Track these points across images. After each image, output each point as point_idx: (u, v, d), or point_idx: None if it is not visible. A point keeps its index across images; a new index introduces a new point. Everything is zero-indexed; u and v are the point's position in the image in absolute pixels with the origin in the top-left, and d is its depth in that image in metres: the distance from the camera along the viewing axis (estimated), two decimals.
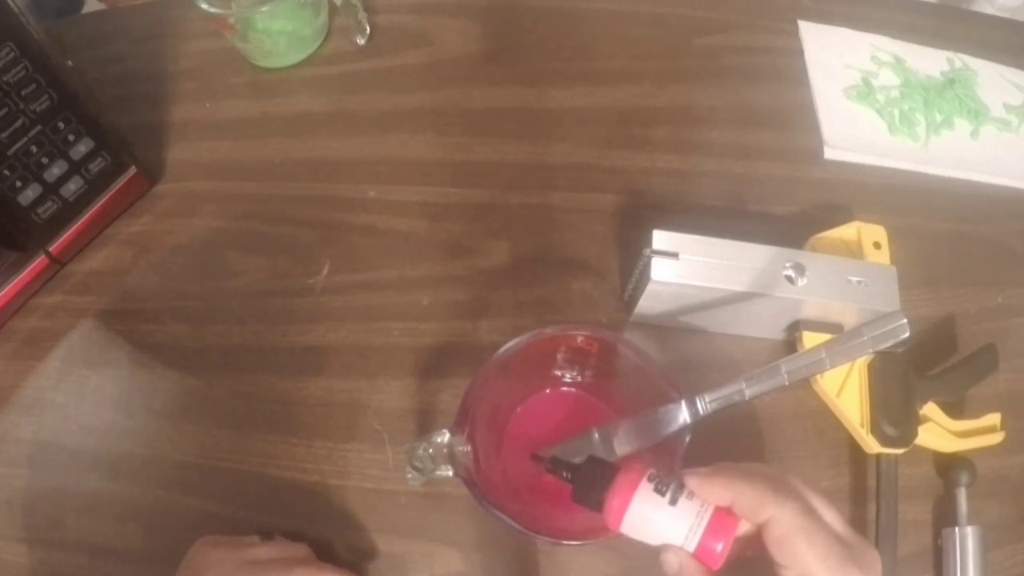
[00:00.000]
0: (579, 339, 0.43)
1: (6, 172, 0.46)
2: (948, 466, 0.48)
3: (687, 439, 0.39)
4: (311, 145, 0.60)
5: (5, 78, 0.43)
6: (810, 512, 0.29)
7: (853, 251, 0.52)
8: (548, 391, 0.47)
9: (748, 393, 0.38)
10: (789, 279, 0.47)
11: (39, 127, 0.46)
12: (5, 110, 0.44)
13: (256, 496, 0.47)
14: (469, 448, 0.40)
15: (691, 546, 0.30)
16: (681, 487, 0.31)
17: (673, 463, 0.39)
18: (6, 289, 0.50)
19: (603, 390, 0.47)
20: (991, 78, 0.68)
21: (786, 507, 0.29)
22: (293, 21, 0.61)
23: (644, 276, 0.47)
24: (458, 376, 0.50)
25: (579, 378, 0.47)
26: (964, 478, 0.47)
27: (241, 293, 0.54)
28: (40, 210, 0.49)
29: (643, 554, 0.32)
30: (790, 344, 0.52)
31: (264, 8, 0.57)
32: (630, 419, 0.41)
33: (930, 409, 0.49)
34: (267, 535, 0.43)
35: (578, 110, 0.63)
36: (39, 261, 0.51)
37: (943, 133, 0.64)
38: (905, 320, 0.36)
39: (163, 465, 0.48)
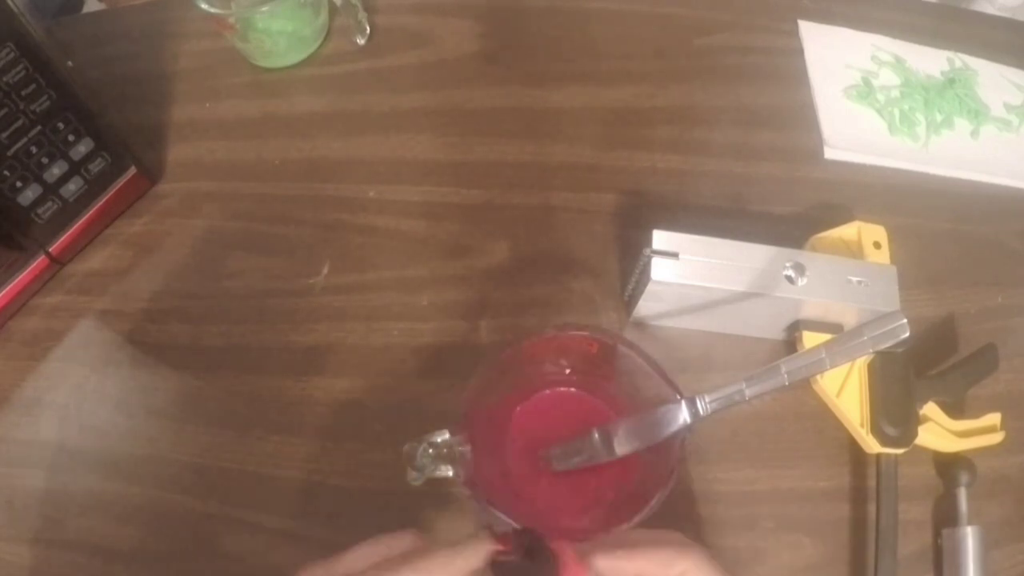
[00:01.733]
0: (579, 339, 0.43)
1: (6, 172, 0.46)
2: (948, 466, 0.48)
3: (687, 439, 0.39)
4: (311, 145, 0.60)
5: (5, 78, 0.43)
6: (714, 558, 0.31)
7: (853, 251, 0.52)
8: (548, 391, 0.47)
9: (748, 393, 0.38)
10: (789, 279, 0.47)
11: (39, 127, 0.46)
12: (5, 110, 0.44)
13: (256, 496, 0.47)
14: (469, 448, 0.40)
15: None
16: None
17: (672, 463, 0.39)
18: (6, 289, 0.50)
19: (603, 390, 0.46)
20: (991, 78, 0.68)
21: (694, 557, 0.30)
22: (293, 21, 0.61)
23: (644, 276, 0.47)
24: (458, 376, 0.50)
25: (579, 378, 0.47)
26: (964, 478, 0.47)
27: (241, 293, 0.53)
28: (40, 210, 0.49)
29: None
30: (790, 344, 0.52)
31: (264, 8, 0.57)
32: (630, 419, 0.41)
33: (930, 409, 0.49)
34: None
35: (578, 110, 0.63)
36: (39, 261, 0.51)
37: (943, 133, 0.64)
38: (905, 320, 0.36)
39: (163, 465, 0.48)
